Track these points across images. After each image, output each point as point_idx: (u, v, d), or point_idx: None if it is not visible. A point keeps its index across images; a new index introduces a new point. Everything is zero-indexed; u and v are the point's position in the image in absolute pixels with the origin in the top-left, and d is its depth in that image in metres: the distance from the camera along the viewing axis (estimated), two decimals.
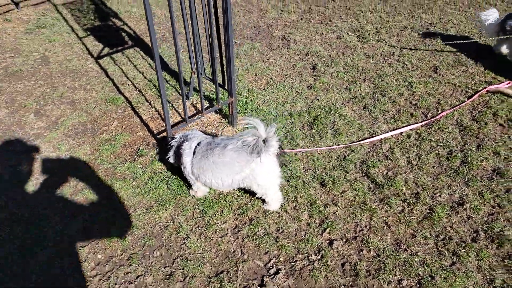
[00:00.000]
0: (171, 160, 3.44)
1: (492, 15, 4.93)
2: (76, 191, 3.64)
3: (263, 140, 2.90)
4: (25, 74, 5.29)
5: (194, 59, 4.04)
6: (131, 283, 2.92)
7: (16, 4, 7.02)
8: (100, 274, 3.00)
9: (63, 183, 3.71)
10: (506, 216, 3.17)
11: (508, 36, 4.66)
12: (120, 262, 3.06)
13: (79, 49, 5.85)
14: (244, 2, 7.29)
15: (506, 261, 2.86)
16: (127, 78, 5.15)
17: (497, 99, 4.39)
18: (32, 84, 5.10)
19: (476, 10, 6.33)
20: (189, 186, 3.49)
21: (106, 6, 7.18)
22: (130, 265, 3.04)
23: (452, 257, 2.92)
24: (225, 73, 4.04)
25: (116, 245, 3.18)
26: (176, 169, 3.62)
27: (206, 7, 3.60)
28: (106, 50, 5.80)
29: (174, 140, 3.41)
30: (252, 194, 3.33)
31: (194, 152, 3.17)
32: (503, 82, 4.56)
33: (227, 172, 3.05)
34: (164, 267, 2.99)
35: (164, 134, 4.08)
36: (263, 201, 3.34)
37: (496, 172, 3.56)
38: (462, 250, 2.96)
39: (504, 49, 4.98)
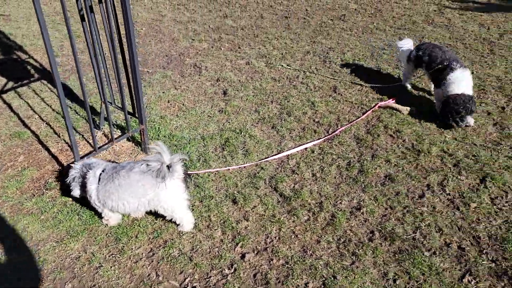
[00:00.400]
0: (76, 193, 3.39)
1: (406, 44, 5.39)
2: None
3: (168, 166, 3.02)
4: None
5: (102, 90, 4.07)
6: None
7: None
8: None
9: None
10: (397, 216, 3.56)
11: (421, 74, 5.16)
12: None
13: None
14: (155, 32, 7.43)
15: (397, 255, 3.21)
16: (34, 111, 5.01)
17: (387, 113, 4.92)
18: None
19: (368, 36, 7.04)
20: (101, 215, 3.47)
21: (9, 40, 6.92)
22: None
23: (352, 257, 3.21)
24: (134, 101, 4.12)
25: (23, 282, 3.06)
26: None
27: (110, 38, 3.69)
28: (10, 84, 5.59)
29: (73, 171, 3.39)
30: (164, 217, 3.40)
31: (100, 179, 3.19)
32: (390, 99, 5.12)
33: (132, 195, 3.11)
34: None
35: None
36: (176, 223, 3.42)
37: (387, 177, 3.98)
38: (360, 250, 3.26)
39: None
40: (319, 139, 4.52)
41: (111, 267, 3.16)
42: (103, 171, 3.23)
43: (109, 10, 3.51)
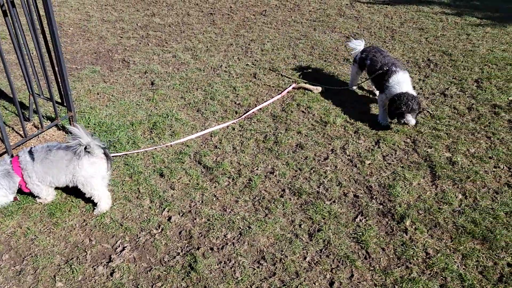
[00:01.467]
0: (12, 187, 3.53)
1: (359, 45, 5.45)
2: None
3: (85, 147, 3.35)
4: None
5: (29, 83, 4.29)
6: None
7: None
8: None
9: None
10: (304, 176, 4.11)
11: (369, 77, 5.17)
12: None
13: None
14: (83, 32, 7.59)
15: (303, 206, 3.75)
16: None
17: (300, 93, 5.50)
18: None
19: (286, 28, 7.66)
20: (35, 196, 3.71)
21: None
22: None
23: (265, 211, 3.71)
24: (62, 91, 4.37)
25: None
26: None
27: (31, 25, 3.93)
28: None
29: None
30: None
31: (34, 159, 3.44)
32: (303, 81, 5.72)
33: (60, 170, 3.43)
34: (14, 266, 3.19)
35: (5, 156, 4.21)
36: (94, 202, 3.67)
37: (298, 146, 4.53)
38: (272, 205, 3.76)
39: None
40: (240, 117, 5.00)
41: (46, 237, 3.43)
42: (30, 151, 3.48)
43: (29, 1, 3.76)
